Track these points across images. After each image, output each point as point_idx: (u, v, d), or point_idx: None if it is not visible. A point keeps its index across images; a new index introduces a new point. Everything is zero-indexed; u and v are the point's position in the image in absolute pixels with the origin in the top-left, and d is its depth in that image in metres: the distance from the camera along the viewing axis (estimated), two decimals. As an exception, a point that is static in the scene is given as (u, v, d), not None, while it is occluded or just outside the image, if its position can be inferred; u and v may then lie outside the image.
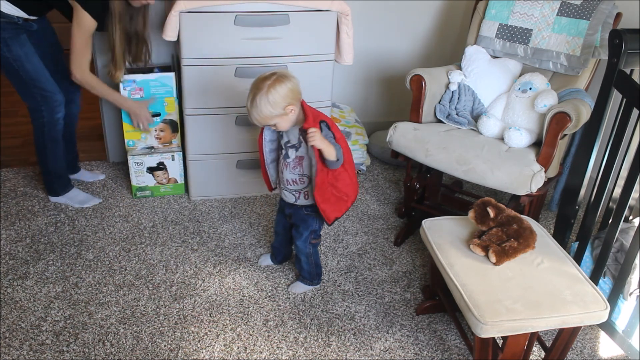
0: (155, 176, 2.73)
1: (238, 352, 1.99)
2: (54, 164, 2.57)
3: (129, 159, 2.66)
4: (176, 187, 2.80)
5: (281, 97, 1.83)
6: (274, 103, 1.82)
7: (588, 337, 2.16)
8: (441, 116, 2.53)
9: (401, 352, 2.04)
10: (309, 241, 2.16)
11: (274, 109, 1.83)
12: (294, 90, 1.86)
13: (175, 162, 2.71)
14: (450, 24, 3.25)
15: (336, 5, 2.46)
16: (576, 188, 2.26)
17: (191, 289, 2.25)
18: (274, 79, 1.83)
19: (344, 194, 2.04)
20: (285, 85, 1.84)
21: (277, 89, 1.82)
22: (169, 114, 2.68)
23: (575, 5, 2.44)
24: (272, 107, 1.83)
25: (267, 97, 1.81)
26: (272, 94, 1.81)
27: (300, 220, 2.13)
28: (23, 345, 1.95)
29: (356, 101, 3.37)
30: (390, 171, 3.18)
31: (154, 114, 2.63)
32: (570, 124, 2.16)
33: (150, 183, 2.74)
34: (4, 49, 2.25)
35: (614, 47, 2.00)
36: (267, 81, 1.83)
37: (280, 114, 1.86)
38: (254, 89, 1.85)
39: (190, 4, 2.31)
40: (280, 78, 1.84)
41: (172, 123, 2.70)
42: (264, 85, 1.82)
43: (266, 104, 1.82)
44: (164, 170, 2.72)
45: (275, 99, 1.82)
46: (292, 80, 1.87)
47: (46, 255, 2.36)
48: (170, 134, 2.72)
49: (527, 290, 1.73)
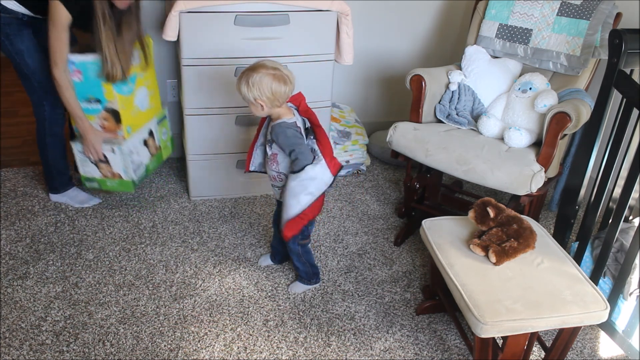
0: (100, 168, 2.53)
1: (238, 352, 1.99)
2: (54, 159, 2.57)
3: (72, 145, 2.49)
4: (122, 183, 2.55)
5: (258, 88, 1.88)
6: (251, 86, 1.88)
7: (588, 337, 2.16)
8: (441, 116, 2.53)
9: (401, 352, 2.04)
10: (297, 241, 2.16)
11: (248, 92, 1.89)
12: (273, 92, 1.89)
13: (117, 155, 2.46)
14: (450, 24, 3.25)
15: (336, 5, 2.46)
16: (576, 188, 2.26)
17: (191, 289, 2.25)
18: (271, 72, 1.88)
19: (302, 213, 1.99)
20: (270, 83, 1.87)
21: (262, 80, 1.87)
22: (109, 102, 2.41)
23: (575, 5, 2.44)
24: (247, 88, 1.89)
25: (248, 80, 1.88)
26: (253, 79, 1.87)
27: None
28: (23, 345, 1.95)
29: (356, 101, 3.37)
30: (390, 171, 3.18)
31: (94, 99, 2.41)
32: (570, 124, 2.16)
33: (97, 175, 2.56)
34: (6, 42, 2.27)
35: (614, 47, 2.00)
36: (264, 69, 1.88)
37: (250, 101, 1.92)
38: (254, 68, 1.90)
39: (190, 4, 2.31)
40: (278, 76, 1.88)
41: (114, 112, 2.43)
42: (260, 70, 1.88)
43: (245, 83, 1.89)
44: (106, 163, 2.49)
45: (254, 89, 1.88)
46: (281, 87, 1.89)
47: (46, 255, 2.37)
48: (114, 124, 2.46)
49: (527, 290, 1.73)
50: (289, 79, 1.92)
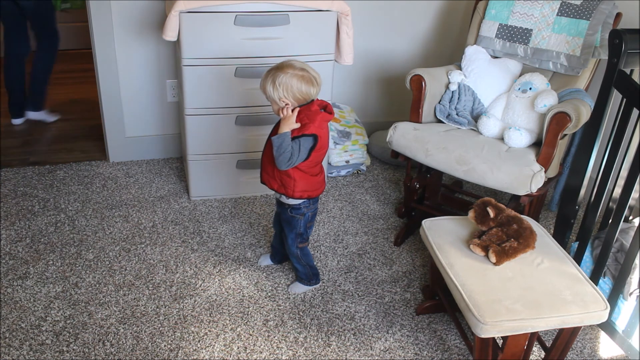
0: None
1: (238, 352, 1.99)
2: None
3: None
4: None
5: (285, 89, 1.88)
6: (277, 86, 1.88)
7: (588, 337, 2.16)
8: (441, 116, 2.53)
9: (401, 352, 2.04)
10: (295, 244, 2.16)
11: (273, 92, 1.89)
12: (301, 94, 1.89)
13: None
14: (450, 24, 3.25)
15: (336, 5, 2.46)
16: (576, 188, 2.26)
17: (191, 289, 2.25)
18: (299, 73, 1.88)
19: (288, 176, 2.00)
20: (299, 85, 1.88)
21: (289, 81, 1.87)
22: None
23: (575, 5, 2.44)
24: (272, 88, 1.89)
25: (275, 79, 1.88)
26: (279, 79, 1.87)
27: (286, 221, 2.13)
28: (23, 345, 1.95)
29: (356, 101, 3.37)
30: (390, 171, 3.18)
31: None
32: (570, 124, 2.16)
33: None
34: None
35: (614, 47, 2.00)
36: (292, 69, 1.88)
37: (274, 100, 1.92)
38: (281, 67, 1.90)
39: (190, 4, 2.31)
40: (306, 77, 1.89)
41: None
42: (287, 70, 1.88)
43: (271, 83, 1.89)
44: None
45: (280, 88, 1.88)
46: (309, 88, 1.90)
47: (46, 255, 2.37)
48: None
49: (527, 290, 1.73)
50: (317, 80, 1.92)
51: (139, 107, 2.99)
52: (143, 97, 2.97)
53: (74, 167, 2.98)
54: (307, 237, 2.19)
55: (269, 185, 2.06)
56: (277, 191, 2.05)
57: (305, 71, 1.90)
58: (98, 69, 2.83)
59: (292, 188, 2.01)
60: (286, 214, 2.11)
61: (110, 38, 2.77)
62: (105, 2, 2.69)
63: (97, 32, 2.75)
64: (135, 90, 2.94)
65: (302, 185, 2.01)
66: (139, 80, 2.92)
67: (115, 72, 2.86)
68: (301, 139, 1.90)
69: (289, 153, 1.88)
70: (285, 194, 2.03)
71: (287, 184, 2.00)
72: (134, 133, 3.04)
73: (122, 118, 2.98)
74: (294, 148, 1.89)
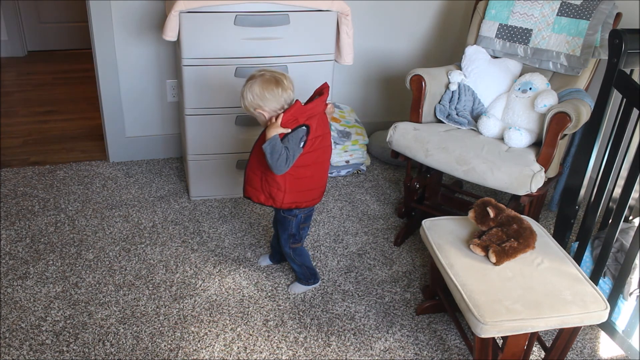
0: None
1: (238, 352, 1.99)
2: None
3: None
4: None
5: (252, 96, 1.90)
6: (250, 97, 1.91)
7: (588, 337, 2.16)
8: (441, 116, 2.53)
9: (401, 352, 2.04)
10: (287, 244, 2.16)
11: (243, 102, 1.94)
12: (270, 94, 1.89)
13: None
14: (450, 24, 3.25)
15: (336, 5, 2.46)
16: (576, 188, 2.26)
17: (191, 289, 2.25)
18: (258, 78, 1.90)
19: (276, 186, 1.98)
20: (258, 89, 1.89)
21: (253, 89, 1.90)
22: None
23: (575, 5, 2.44)
24: (242, 100, 1.94)
25: (242, 93, 1.93)
26: (243, 89, 1.92)
27: (279, 221, 2.13)
28: (23, 345, 1.95)
29: (356, 101, 3.37)
30: (390, 171, 3.18)
31: None
32: (570, 124, 2.16)
33: None
34: None
35: (614, 47, 2.00)
36: (252, 79, 1.92)
37: (251, 112, 1.95)
38: (246, 81, 1.94)
39: (190, 4, 2.31)
40: (264, 79, 1.89)
41: None
42: (248, 81, 1.93)
43: (241, 98, 1.94)
44: None
45: (248, 96, 1.92)
46: (273, 89, 1.89)
47: (46, 255, 2.37)
48: None
49: (527, 290, 1.73)
50: (282, 79, 1.90)
51: (139, 107, 2.99)
52: (143, 97, 2.97)
53: (74, 167, 2.98)
54: (301, 238, 2.17)
55: (254, 199, 2.03)
56: (264, 204, 2.03)
57: (265, 72, 1.90)
58: (98, 69, 2.83)
59: (280, 200, 2.00)
60: (279, 214, 2.11)
61: (110, 38, 2.77)
62: (105, 2, 2.69)
63: (97, 32, 2.75)
64: (135, 90, 2.94)
65: (291, 197, 2.00)
66: (139, 80, 2.92)
67: (115, 72, 2.86)
68: (289, 135, 1.89)
69: (284, 154, 1.86)
70: (274, 206, 2.02)
71: (276, 196, 1.99)
72: (134, 133, 3.04)
73: (122, 118, 2.98)
74: (287, 147, 1.88)
